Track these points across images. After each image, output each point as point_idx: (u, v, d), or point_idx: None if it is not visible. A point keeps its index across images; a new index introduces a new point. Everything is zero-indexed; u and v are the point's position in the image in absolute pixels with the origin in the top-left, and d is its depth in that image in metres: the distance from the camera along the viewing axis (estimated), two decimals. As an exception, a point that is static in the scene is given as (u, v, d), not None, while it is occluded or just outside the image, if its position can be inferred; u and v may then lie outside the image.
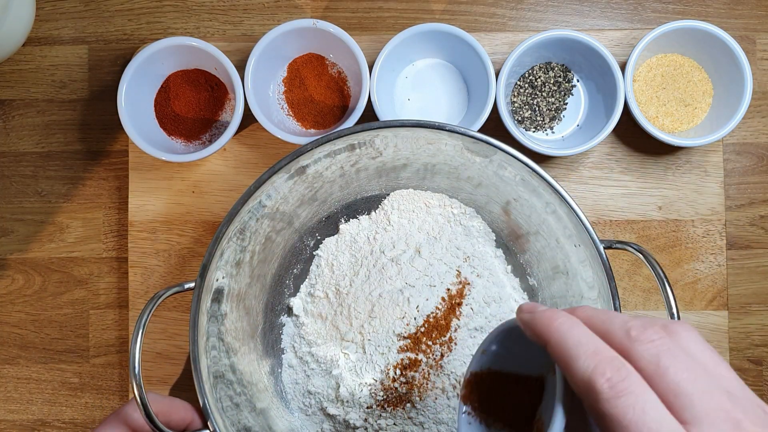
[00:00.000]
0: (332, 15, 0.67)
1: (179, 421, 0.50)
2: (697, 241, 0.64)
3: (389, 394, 0.58)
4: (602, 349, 0.31)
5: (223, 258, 0.53)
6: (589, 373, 0.31)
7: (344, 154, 0.55)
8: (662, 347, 0.31)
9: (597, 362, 0.31)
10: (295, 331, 0.62)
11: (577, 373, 0.31)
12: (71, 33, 0.68)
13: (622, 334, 0.32)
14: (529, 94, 0.63)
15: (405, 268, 0.59)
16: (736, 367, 0.65)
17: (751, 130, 0.66)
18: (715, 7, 0.67)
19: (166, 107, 0.64)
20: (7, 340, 0.66)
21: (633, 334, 0.32)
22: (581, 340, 0.32)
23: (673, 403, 0.29)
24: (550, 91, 0.63)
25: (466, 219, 0.62)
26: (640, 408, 0.29)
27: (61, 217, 0.67)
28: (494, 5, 0.67)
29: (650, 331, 0.32)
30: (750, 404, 0.30)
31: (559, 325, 0.33)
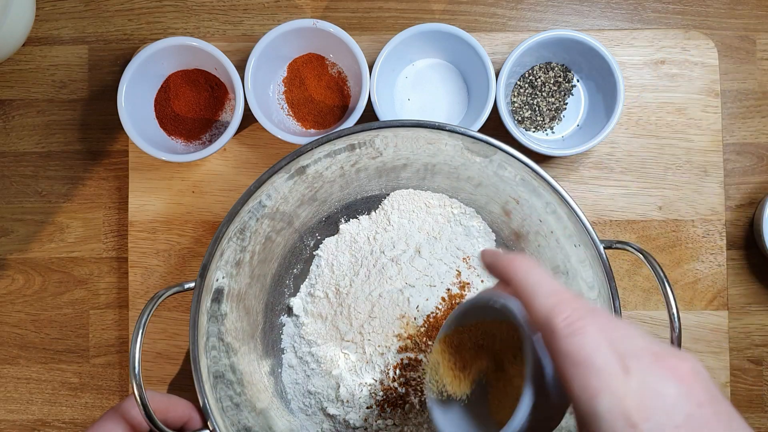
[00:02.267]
0: (332, 15, 0.67)
1: (177, 419, 0.50)
2: (697, 241, 0.64)
3: (389, 394, 0.58)
4: (560, 289, 0.34)
5: (223, 258, 0.53)
6: (548, 310, 0.33)
7: (344, 154, 0.55)
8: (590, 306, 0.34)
9: (556, 300, 0.34)
10: (295, 331, 0.62)
11: (537, 310, 0.34)
12: (71, 33, 0.68)
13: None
14: (529, 94, 0.63)
15: (405, 268, 0.59)
16: (736, 367, 0.65)
17: (751, 130, 0.66)
18: (715, 7, 0.67)
19: (166, 107, 0.64)
20: (7, 340, 0.66)
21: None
22: (541, 280, 0.35)
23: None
24: (550, 91, 0.63)
25: (466, 219, 0.62)
26: (593, 347, 0.32)
27: (61, 217, 0.67)
28: (494, 5, 0.67)
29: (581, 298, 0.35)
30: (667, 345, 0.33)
31: (520, 264, 0.36)
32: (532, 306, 0.34)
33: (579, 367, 0.32)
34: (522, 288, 0.35)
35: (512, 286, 0.36)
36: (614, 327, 0.33)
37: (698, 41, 0.64)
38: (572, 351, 0.32)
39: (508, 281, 0.37)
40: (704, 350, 0.63)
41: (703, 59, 0.64)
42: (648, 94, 0.65)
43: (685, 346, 0.63)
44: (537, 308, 0.34)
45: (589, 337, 0.32)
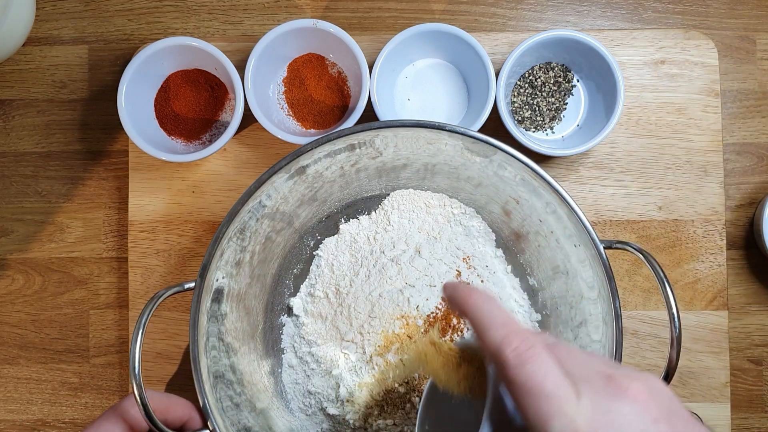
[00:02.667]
0: (332, 15, 0.67)
1: (177, 419, 0.50)
2: (697, 241, 0.64)
3: (389, 394, 0.58)
4: (510, 323, 0.36)
5: (223, 258, 0.53)
6: (498, 341, 0.35)
7: (344, 154, 0.55)
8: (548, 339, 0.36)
9: (506, 333, 0.35)
10: (295, 331, 0.62)
11: (489, 342, 0.35)
12: (71, 33, 0.68)
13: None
14: (529, 94, 0.63)
15: (405, 268, 0.59)
16: (736, 367, 0.65)
17: (751, 130, 0.66)
18: (715, 7, 0.67)
19: (166, 107, 0.64)
20: (7, 340, 0.66)
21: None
22: (493, 313, 0.36)
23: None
24: (550, 91, 0.63)
25: (466, 219, 0.62)
26: (542, 375, 0.33)
27: (61, 217, 0.67)
28: (494, 5, 0.67)
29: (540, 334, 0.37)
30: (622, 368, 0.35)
31: (475, 299, 0.38)
32: (484, 338, 0.36)
33: (530, 395, 0.33)
34: (476, 321, 0.37)
35: (468, 319, 0.38)
36: (567, 355, 0.34)
37: (698, 41, 0.64)
38: (522, 380, 0.33)
39: (464, 314, 0.38)
40: (704, 350, 0.63)
41: (703, 59, 0.64)
42: (648, 94, 0.65)
43: (685, 346, 0.63)
44: (488, 340, 0.35)
45: (537, 365, 0.33)
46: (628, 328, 0.64)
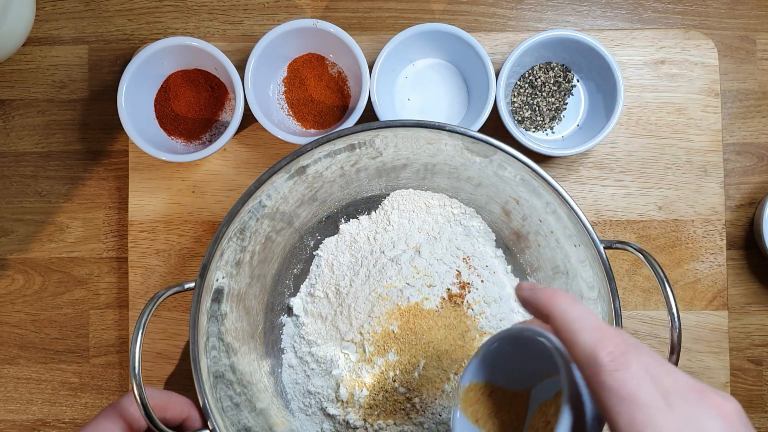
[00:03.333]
0: (332, 15, 0.67)
1: (176, 416, 0.50)
2: (697, 241, 0.64)
3: (389, 394, 0.58)
4: (603, 325, 0.35)
5: (223, 258, 0.53)
6: (592, 345, 0.33)
7: (344, 154, 0.55)
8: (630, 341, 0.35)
9: (601, 336, 0.34)
10: (295, 331, 0.62)
11: (580, 346, 0.34)
12: (71, 33, 0.68)
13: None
14: (529, 94, 0.63)
15: (405, 268, 0.59)
16: (736, 367, 0.65)
17: (751, 130, 0.66)
18: (715, 7, 0.67)
19: (166, 107, 0.64)
20: (7, 340, 0.66)
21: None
22: (583, 315, 0.35)
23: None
24: (550, 91, 0.63)
25: (466, 219, 0.62)
26: (637, 382, 0.32)
27: (61, 217, 0.67)
28: (494, 5, 0.67)
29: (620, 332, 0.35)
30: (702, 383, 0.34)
31: (561, 301, 0.36)
32: (575, 341, 0.34)
33: (624, 402, 0.32)
34: (563, 324, 0.35)
35: (551, 322, 0.36)
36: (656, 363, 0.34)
37: (698, 41, 0.64)
38: (616, 386, 0.32)
39: (547, 317, 0.37)
40: (704, 350, 0.63)
41: (703, 59, 0.64)
42: (648, 94, 0.65)
43: (685, 346, 0.63)
44: (580, 344, 0.34)
45: (632, 372, 0.32)
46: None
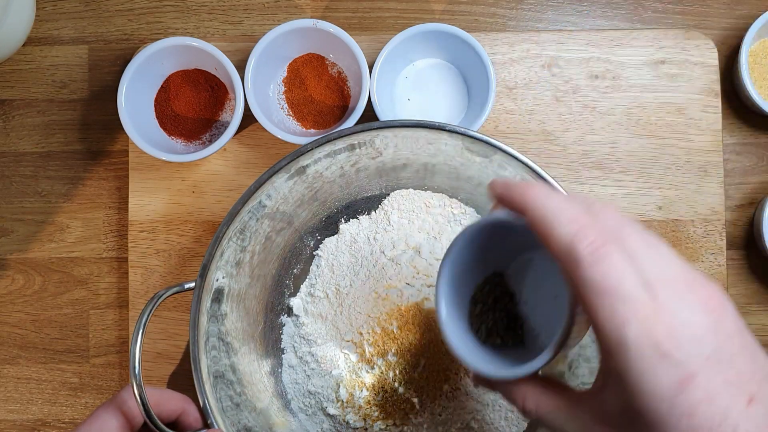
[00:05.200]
0: (332, 15, 0.67)
1: (171, 412, 0.50)
2: (697, 241, 0.64)
3: (389, 394, 0.58)
4: (581, 215, 0.32)
5: (223, 258, 0.53)
6: (570, 237, 0.31)
7: (344, 154, 0.56)
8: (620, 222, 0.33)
9: (578, 227, 0.32)
10: (295, 331, 0.62)
11: (558, 238, 0.32)
12: (71, 33, 0.68)
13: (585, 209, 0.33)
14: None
15: (405, 268, 0.59)
16: (736, 367, 0.65)
17: (751, 130, 0.66)
18: (715, 7, 0.67)
19: (166, 107, 0.64)
20: (7, 340, 0.66)
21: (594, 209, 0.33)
22: (560, 206, 0.33)
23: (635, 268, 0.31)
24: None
25: (466, 219, 0.62)
26: (619, 275, 0.30)
27: (61, 217, 0.67)
28: (494, 5, 0.67)
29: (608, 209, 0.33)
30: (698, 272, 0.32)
31: (537, 192, 0.34)
32: (552, 235, 0.32)
33: (605, 296, 0.30)
34: (540, 217, 0.33)
35: (527, 216, 0.34)
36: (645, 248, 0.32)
37: (698, 41, 0.64)
38: (597, 279, 0.30)
39: (524, 211, 0.34)
40: (704, 350, 0.63)
41: (703, 59, 0.64)
42: (648, 94, 0.65)
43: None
44: (557, 237, 0.32)
45: (614, 264, 0.30)
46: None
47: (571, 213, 0.32)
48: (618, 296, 0.30)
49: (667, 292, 0.30)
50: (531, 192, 0.34)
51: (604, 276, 0.30)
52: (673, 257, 0.32)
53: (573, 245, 0.31)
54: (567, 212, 0.33)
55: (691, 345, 0.30)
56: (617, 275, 0.30)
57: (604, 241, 0.31)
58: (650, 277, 0.31)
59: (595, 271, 0.31)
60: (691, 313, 0.30)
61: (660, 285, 0.31)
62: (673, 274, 0.31)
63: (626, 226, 0.32)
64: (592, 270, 0.31)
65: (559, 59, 0.65)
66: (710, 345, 0.30)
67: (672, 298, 0.30)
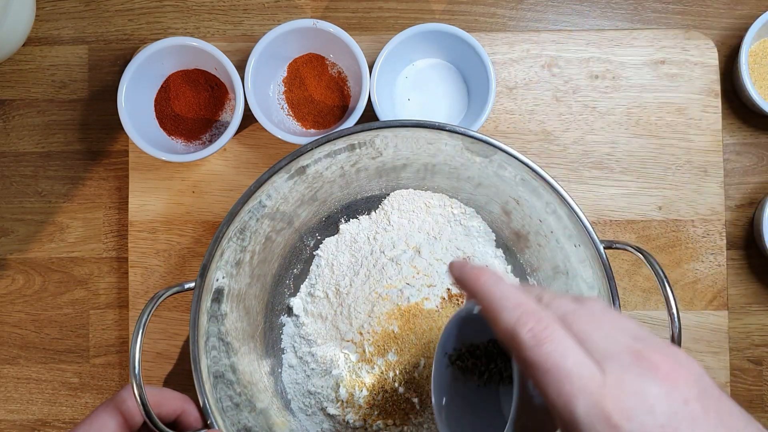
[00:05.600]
0: (332, 15, 0.67)
1: (170, 412, 0.50)
2: (697, 241, 0.64)
3: (389, 394, 0.58)
4: (524, 302, 0.34)
5: (223, 258, 0.53)
6: (513, 323, 0.33)
7: (344, 154, 0.55)
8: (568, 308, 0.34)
9: (520, 314, 0.33)
10: (295, 331, 0.62)
11: (502, 325, 0.33)
12: (71, 33, 0.68)
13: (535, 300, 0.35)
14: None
15: (405, 268, 0.59)
16: (736, 367, 0.65)
17: (751, 130, 0.66)
18: (715, 7, 0.67)
19: (166, 107, 0.64)
20: (7, 340, 0.66)
21: (545, 300, 0.35)
22: (505, 294, 0.34)
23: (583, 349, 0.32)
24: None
25: (466, 219, 0.62)
26: (561, 354, 0.31)
27: (61, 217, 0.67)
28: (494, 5, 0.67)
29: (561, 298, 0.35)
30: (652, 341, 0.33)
31: (485, 280, 0.35)
32: (498, 322, 0.34)
33: (550, 374, 0.31)
34: (487, 303, 0.35)
35: (479, 302, 0.36)
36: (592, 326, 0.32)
37: (698, 41, 0.64)
38: (540, 360, 0.31)
39: (474, 297, 0.36)
40: (704, 350, 0.63)
41: (703, 59, 0.64)
42: (648, 94, 0.65)
43: (685, 346, 0.63)
44: (502, 324, 0.33)
45: (556, 344, 0.31)
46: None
47: (516, 300, 0.34)
48: (562, 374, 0.31)
49: (614, 365, 0.31)
50: (481, 279, 0.36)
51: (546, 357, 0.31)
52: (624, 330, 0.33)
53: (515, 330, 0.32)
54: (512, 299, 0.34)
55: (641, 416, 0.29)
56: (559, 355, 0.31)
57: (545, 325, 0.32)
58: (597, 353, 0.31)
59: (536, 353, 0.31)
60: (640, 384, 0.30)
61: (607, 359, 0.31)
62: (621, 346, 0.32)
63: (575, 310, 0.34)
64: (534, 352, 0.32)
65: (559, 59, 0.65)
66: (663, 414, 0.30)
67: (619, 370, 0.31)
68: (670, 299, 0.48)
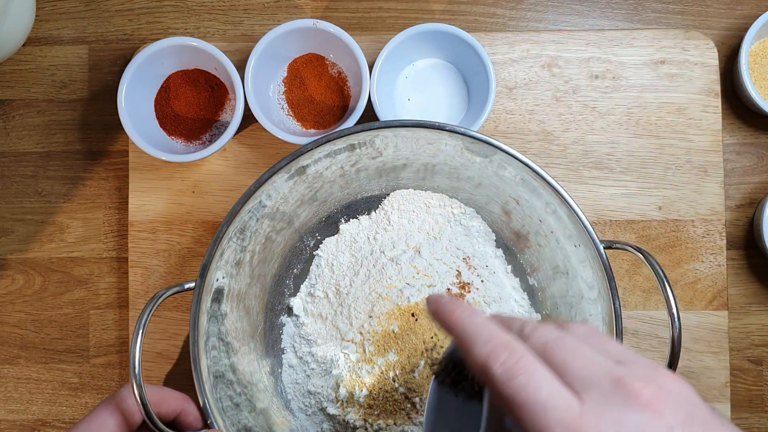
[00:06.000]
0: (332, 15, 0.67)
1: (170, 411, 0.50)
2: (697, 241, 0.64)
3: (389, 394, 0.58)
4: (497, 335, 0.33)
5: (223, 258, 0.53)
6: (484, 358, 0.32)
7: (344, 154, 0.55)
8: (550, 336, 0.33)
9: (492, 347, 0.32)
10: (295, 331, 0.62)
11: (475, 359, 0.32)
12: (71, 33, 0.68)
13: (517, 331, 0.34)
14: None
15: (405, 268, 0.59)
16: (736, 367, 0.65)
17: (751, 130, 0.66)
18: (715, 7, 0.67)
19: (166, 107, 0.64)
20: (7, 340, 0.66)
21: (526, 331, 0.34)
22: (478, 328, 0.33)
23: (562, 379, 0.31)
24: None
25: (466, 219, 0.62)
26: (534, 386, 0.30)
27: (61, 217, 0.67)
28: (494, 5, 0.67)
29: (542, 327, 0.34)
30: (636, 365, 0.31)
31: (459, 314, 0.35)
32: (470, 356, 0.33)
33: (525, 408, 0.30)
34: (460, 338, 0.34)
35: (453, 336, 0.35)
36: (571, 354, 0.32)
37: (698, 41, 0.64)
38: (513, 393, 0.30)
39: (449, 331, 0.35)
40: (704, 350, 0.63)
41: (703, 59, 0.64)
42: (648, 94, 0.65)
43: (685, 346, 0.63)
44: (474, 357, 0.32)
45: (529, 376, 0.30)
46: (628, 328, 0.64)
47: (488, 333, 0.33)
48: (537, 407, 0.30)
49: (593, 395, 0.30)
50: (455, 313, 0.35)
51: (519, 390, 0.30)
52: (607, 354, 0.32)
53: (488, 364, 0.32)
54: (485, 333, 0.33)
55: None
56: (533, 387, 0.30)
57: (517, 358, 0.31)
58: (577, 382, 0.30)
59: (509, 386, 0.31)
60: (621, 413, 0.29)
61: (586, 387, 0.30)
62: (602, 373, 0.31)
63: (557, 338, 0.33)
64: (507, 386, 0.31)
65: (559, 59, 0.65)
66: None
67: (599, 400, 0.30)
68: (670, 299, 0.48)
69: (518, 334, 0.34)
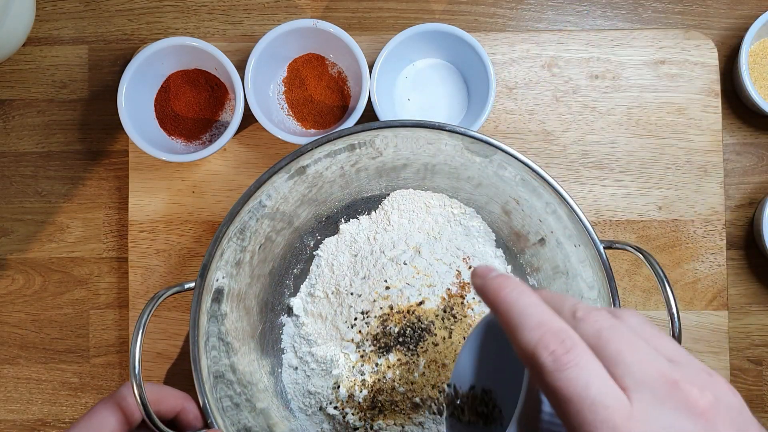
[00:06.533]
0: (332, 15, 0.67)
1: (170, 409, 0.50)
2: (697, 241, 0.64)
3: (389, 394, 0.58)
4: (547, 320, 0.30)
5: (223, 258, 0.53)
6: (533, 345, 0.30)
7: (344, 154, 0.56)
8: (604, 324, 0.31)
9: (542, 334, 0.30)
10: (295, 331, 0.62)
11: (522, 345, 0.30)
12: (71, 33, 0.68)
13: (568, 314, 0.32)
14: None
15: (405, 268, 0.59)
16: (736, 367, 0.65)
17: (751, 130, 0.66)
18: (715, 7, 0.67)
19: (166, 107, 0.64)
20: (7, 340, 0.66)
21: (579, 314, 0.31)
22: (527, 311, 0.31)
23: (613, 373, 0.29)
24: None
25: (466, 219, 0.62)
26: (585, 381, 0.28)
27: (61, 217, 0.67)
28: (494, 5, 0.67)
29: (596, 312, 0.31)
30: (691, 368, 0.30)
31: (507, 293, 0.32)
32: (517, 341, 0.31)
33: (571, 403, 0.28)
34: (507, 319, 0.32)
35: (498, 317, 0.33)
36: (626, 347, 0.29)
37: (698, 41, 0.64)
38: (561, 386, 0.29)
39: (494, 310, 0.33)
40: (704, 350, 0.63)
41: (703, 59, 0.64)
42: (648, 94, 0.65)
43: (685, 346, 0.63)
44: (521, 342, 0.30)
45: (580, 370, 0.29)
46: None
47: (538, 318, 0.31)
48: (585, 404, 0.28)
49: (645, 396, 0.28)
50: (503, 291, 0.32)
51: (568, 384, 0.29)
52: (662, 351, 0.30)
53: (536, 352, 0.30)
54: (534, 317, 0.31)
55: None
56: (583, 381, 0.28)
57: (568, 348, 0.29)
58: (629, 379, 0.29)
59: (557, 378, 0.29)
60: (673, 419, 0.28)
61: (638, 388, 0.28)
62: (656, 373, 0.29)
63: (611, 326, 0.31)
64: (555, 378, 0.29)
65: (559, 59, 0.65)
66: None
67: (650, 402, 0.28)
68: (670, 299, 0.48)
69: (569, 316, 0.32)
